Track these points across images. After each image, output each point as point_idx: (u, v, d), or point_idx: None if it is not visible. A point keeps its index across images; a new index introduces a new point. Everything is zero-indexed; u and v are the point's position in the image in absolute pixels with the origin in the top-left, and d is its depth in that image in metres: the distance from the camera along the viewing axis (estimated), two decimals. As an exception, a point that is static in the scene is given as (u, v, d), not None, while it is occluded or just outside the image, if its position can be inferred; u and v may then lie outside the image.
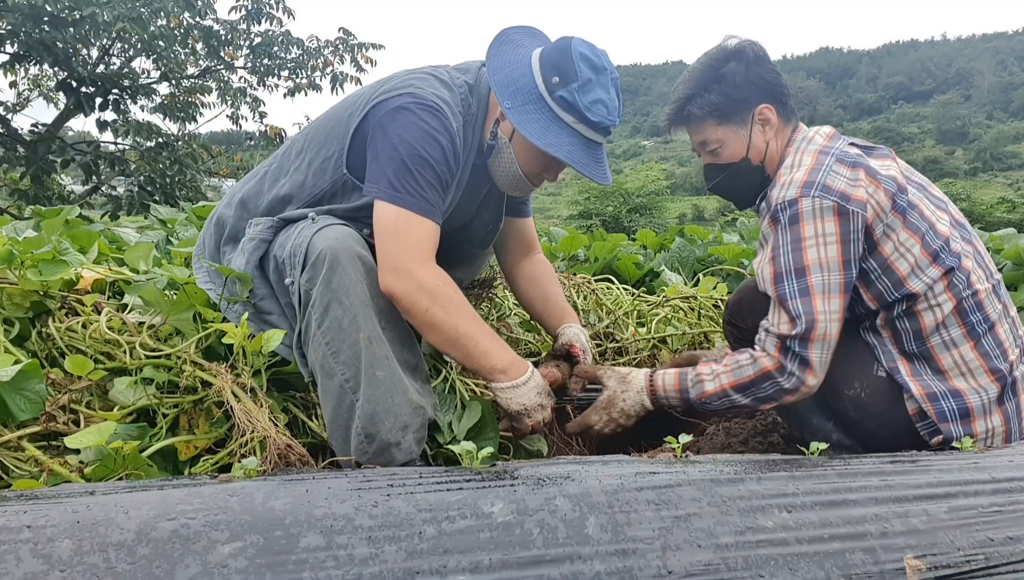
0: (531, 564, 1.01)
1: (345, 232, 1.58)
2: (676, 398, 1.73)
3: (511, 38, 1.77)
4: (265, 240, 1.70)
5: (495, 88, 1.68)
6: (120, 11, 8.01)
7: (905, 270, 1.62)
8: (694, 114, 1.78)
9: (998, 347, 1.65)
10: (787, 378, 1.61)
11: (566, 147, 1.66)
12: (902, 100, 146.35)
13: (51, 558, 0.91)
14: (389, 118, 1.62)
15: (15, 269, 1.68)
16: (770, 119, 1.75)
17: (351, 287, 1.52)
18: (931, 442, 1.65)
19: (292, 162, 1.80)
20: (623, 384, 1.77)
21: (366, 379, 1.51)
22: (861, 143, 1.77)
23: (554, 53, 1.68)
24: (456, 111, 1.70)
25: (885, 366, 1.68)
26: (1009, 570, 1.16)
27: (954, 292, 1.63)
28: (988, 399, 1.62)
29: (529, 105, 1.66)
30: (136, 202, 9.15)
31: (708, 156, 1.83)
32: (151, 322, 1.72)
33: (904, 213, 1.63)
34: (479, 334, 1.63)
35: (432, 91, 1.66)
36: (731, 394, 1.66)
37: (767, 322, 1.66)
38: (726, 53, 1.76)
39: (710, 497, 1.16)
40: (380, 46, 11.20)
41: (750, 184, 1.82)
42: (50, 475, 1.35)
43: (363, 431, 1.52)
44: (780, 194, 1.62)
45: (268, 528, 0.99)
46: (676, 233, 5.34)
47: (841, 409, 1.73)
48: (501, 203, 2.00)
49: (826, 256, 1.57)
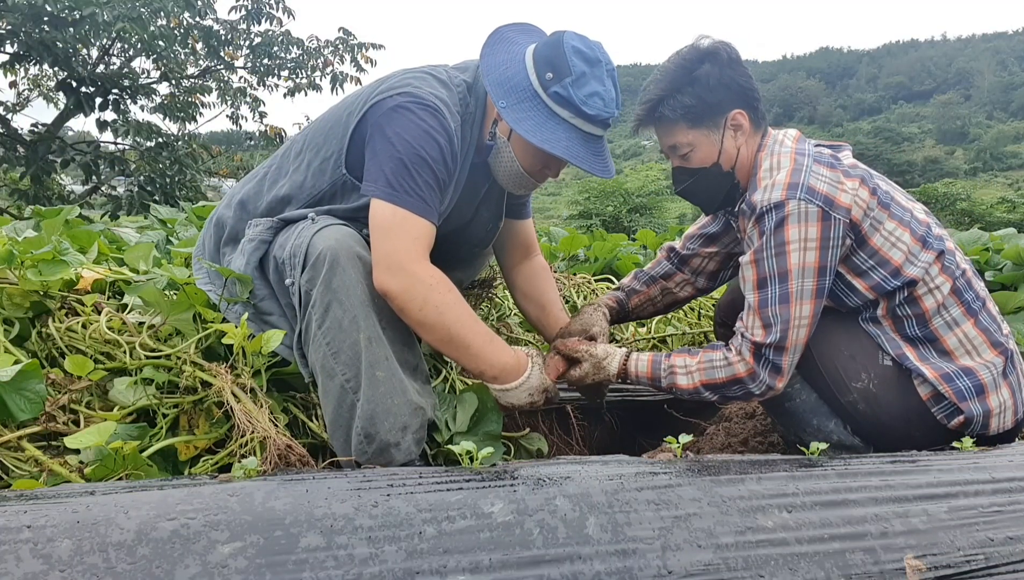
0: (531, 564, 1.01)
1: (345, 232, 1.58)
2: (648, 385, 1.79)
3: (505, 36, 1.76)
4: (265, 241, 1.70)
5: (489, 87, 1.67)
6: (120, 11, 8.01)
7: (900, 258, 1.65)
8: (666, 116, 1.75)
9: (993, 322, 1.69)
10: (758, 384, 1.65)
11: (564, 143, 1.65)
12: (902, 100, 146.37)
13: (51, 558, 0.91)
14: (387, 117, 1.61)
15: (15, 269, 1.68)
16: (742, 125, 1.75)
17: (351, 287, 1.52)
18: (950, 424, 1.65)
19: (291, 163, 1.80)
20: (596, 369, 1.80)
21: (366, 379, 1.51)
22: (827, 143, 1.79)
23: (547, 48, 1.67)
24: (454, 110, 1.69)
25: (891, 354, 1.69)
26: (1009, 570, 1.16)
27: (948, 273, 1.66)
28: (996, 373, 1.65)
29: (524, 103, 1.65)
30: (136, 202, 9.15)
31: (678, 160, 1.81)
32: (151, 322, 1.72)
33: (888, 206, 1.67)
34: (472, 336, 1.63)
35: (430, 90, 1.66)
36: (702, 391, 1.71)
37: (742, 325, 1.67)
38: (700, 54, 1.74)
39: (710, 497, 1.16)
40: (380, 46, 11.19)
41: (719, 189, 1.82)
42: (50, 475, 1.35)
43: (363, 431, 1.52)
44: (765, 196, 1.62)
45: (268, 528, 0.99)
46: (676, 233, 5.34)
47: (850, 402, 1.72)
48: (501, 202, 2.00)
49: (805, 261, 1.59)
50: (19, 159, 9.36)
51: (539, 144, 1.63)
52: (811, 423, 1.82)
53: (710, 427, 2.34)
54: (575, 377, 1.82)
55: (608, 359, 1.80)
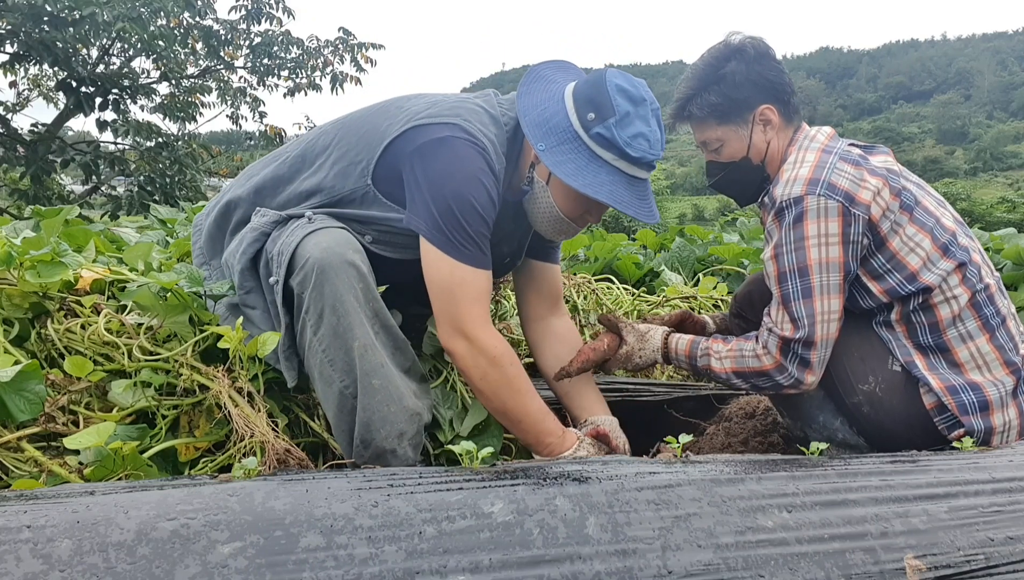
0: (531, 564, 1.01)
1: (339, 237, 1.54)
2: (685, 363, 1.83)
3: (542, 74, 1.71)
4: (265, 233, 1.65)
5: (527, 129, 1.60)
6: (120, 11, 8.00)
7: (917, 264, 1.64)
8: (695, 114, 1.78)
9: (1010, 341, 1.67)
10: (786, 378, 1.67)
11: (607, 186, 1.58)
12: (902, 100, 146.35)
13: (51, 558, 0.91)
14: (432, 148, 1.55)
15: (14, 270, 1.68)
16: (771, 119, 1.76)
17: (344, 294, 1.48)
18: (950, 436, 1.64)
19: (318, 156, 1.72)
20: (641, 342, 1.87)
21: (362, 388, 1.50)
22: (861, 144, 1.79)
23: (588, 88, 1.61)
24: (500, 152, 1.63)
25: (901, 360, 1.68)
26: (1009, 570, 1.16)
27: (968, 285, 1.65)
28: (1005, 392, 1.64)
29: (565, 145, 1.59)
30: (136, 202, 9.15)
31: (710, 154, 1.85)
32: (149, 324, 1.72)
33: (911, 210, 1.65)
34: (524, 414, 1.65)
35: (480, 128, 1.60)
36: (732, 378, 1.75)
37: (770, 320, 1.68)
38: (728, 51, 1.76)
39: (710, 497, 1.16)
40: (380, 46, 11.19)
41: (750, 182, 1.83)
42: (50, 475, 1.35)
43: (359, 438, 1.52)
44: (785, 191, 1.63)
45: (268, 528, 0.99)
46: (676, 233, 5.34)
47: (855, 404, 1.72)
48: (524, 241, 1.91)
49: (827, 256, 1.59)
50: (19, 159, 9.36)
51: (580, 188, 1.56)
52: (817, 419, 1.82)
53: (710, 427, 2.34)
54: (623, 353, 1.88)
55: (651, 333, 1.87)
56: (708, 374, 1.80)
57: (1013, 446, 1.61)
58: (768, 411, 2.26)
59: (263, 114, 11.30)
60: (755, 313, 1.90)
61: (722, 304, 2.87)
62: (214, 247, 1.84)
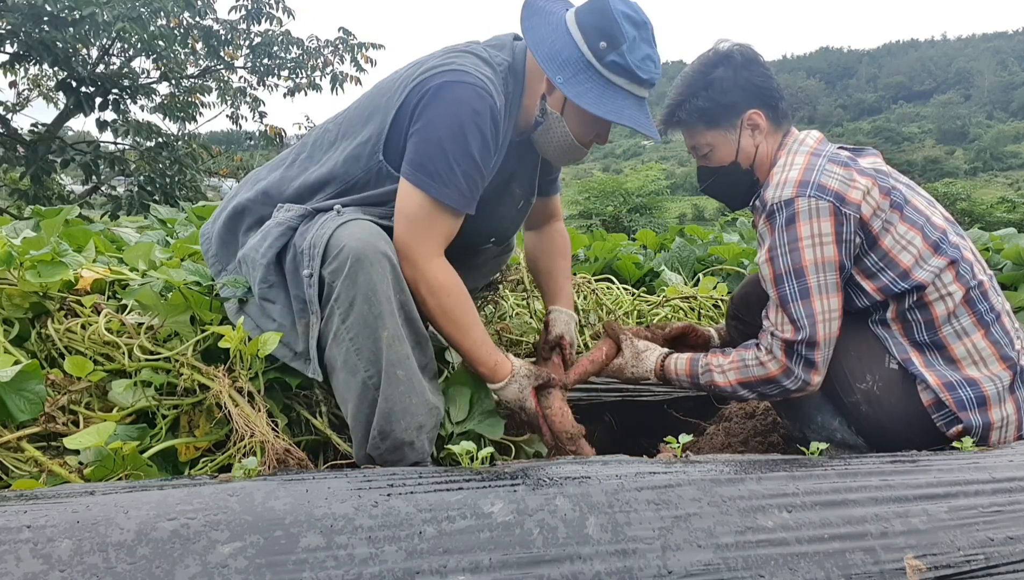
0: (531, 564, 1.01)
1: (371, 229, 1.56)
2: (688, 382, 1.85)
3: (538, 7, 1.73)
4: (292, 227, 1.66)
5: (543, 63, 1.64)
6: (120, 11, 8.00)
7: (909, 262, 1.65)
8: (684, 119, 1.82)
9: (1006, 336, 1.69)
10: (793, 381, 1.68)
11: (627, 111, 1.65)
12: (902, 100, 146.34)
13: (51, 558, 0.91)
14: (432, 97, 1.58)
15: (14, 270, 1.68)
16: (759, 124, 1.78)
17: (377, 284, 1.50)
18: (948, 432, 1.65)
19: (324, 152, 1.76)
20: (636, 359, 1.91)
21: (386, 378, 1.51)
22: (850, 147, 1.81)
23: (593, 16, 1.65)
24: (499, 91, 1.67)
25: (897, 358, 1.70)
26: (1009, 570, 1.16)
27: (962, 282, 1.66)
28: (1002, 387, 1.65)
29: (580, 75, 1.64)
30: (136, 202, 9.14)
31: (700, 159, 1.88)
32: (150, 323, 1.72)
33: (901, 208, 1.68)
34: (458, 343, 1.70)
35: (476, 71, 1.62)
36: (739, 390, 1.76)
37: (770, 323, 1.69)
38: (716, 58, 1.79)
39: (710, 497, 1.16)
40: (380, 46, 11.19)
41: (740, 186, 1.86)
42: (50, 475, 1.35)
43: (378, 429, 1.52)
44: (775, 194, 1.65)
45: (268, 528, 0.99)
46: (676, 233, 5.33)
47: (853, 403, 1.73)
48: (534, 178, 1.98)
49: (822, 256, 1.61)
50: (19, 159, 9.36)
51: (605, 116, 1.63)
52: (815, 419, 1.83)
53: (710, 427, 2.34)
54: (616, 365, 1.92)
55: (647, 353, 1.90)
56: (712, 390, 1.81)
57: (1013, 446, 1.62)
58: (768, 411, 2.26)
59: (263, 114, 11.30)
60: (752, 315, 1.91)
61: (722, 304, 2.87)
62: (227, 251, 1.84)
